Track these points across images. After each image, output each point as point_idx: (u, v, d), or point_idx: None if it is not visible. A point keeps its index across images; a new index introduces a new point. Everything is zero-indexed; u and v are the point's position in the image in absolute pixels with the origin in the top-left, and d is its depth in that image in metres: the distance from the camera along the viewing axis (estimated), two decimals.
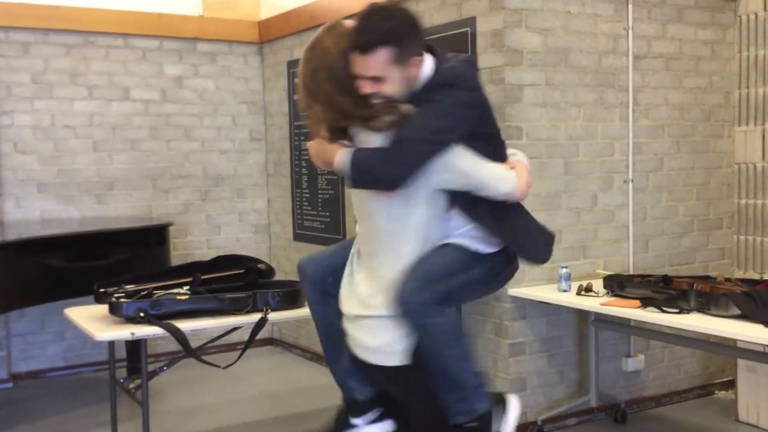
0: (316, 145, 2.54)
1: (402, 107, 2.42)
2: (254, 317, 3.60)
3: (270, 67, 6.19)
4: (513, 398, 2.65)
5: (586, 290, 3.89)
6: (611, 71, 4.36)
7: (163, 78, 5.91)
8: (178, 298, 3.59)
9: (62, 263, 4.56)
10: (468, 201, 2.50)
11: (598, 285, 3.94)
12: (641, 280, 3.89)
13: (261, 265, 4.14)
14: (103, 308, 3.57)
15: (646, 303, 3.57)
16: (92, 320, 3.55)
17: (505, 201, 2.51)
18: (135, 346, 4.25)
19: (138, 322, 3.41)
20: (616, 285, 3.84)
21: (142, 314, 3.41)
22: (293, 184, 5.97)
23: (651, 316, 3.51)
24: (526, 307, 4.15)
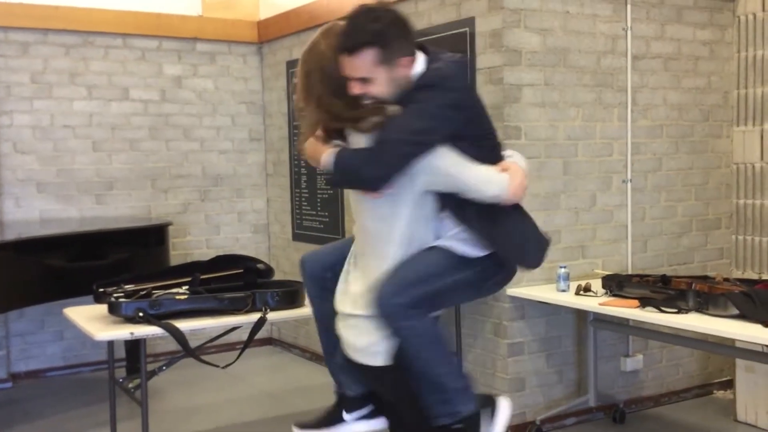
0: (311, 144, 2.56)
1: (389, 108, 2.42)
2: (253, 317, 3.60)
3: (269, 67, 6.19)
4: (503, 400, 2.62)
5: (585, 290, 3.89)
6: (610, 71, 4.36)
7: (162, 78, 5.91)
8: (177, 297, 3.59)
9: (61, 263, 4.57)
10: (456, 203, 2.49)
11: (597, 285, 3.94)
12: (640, 280, 3.89)
13: (260, 265, 4.15)
14: (103, 308, 3.56)
15: (645, 303, 3.57)
16: (91, 320, 3.55)
17: (497, 204, 2.47)
18: (134, 346, 4.26)
19: (137, 322, 3.41)
20: (615, 285, 3.84)
21: (141, 314, 3.41)
22: (292, 184, 5.98)
23: (649, 316, 3.51)
24: (525, 307, 4.16)
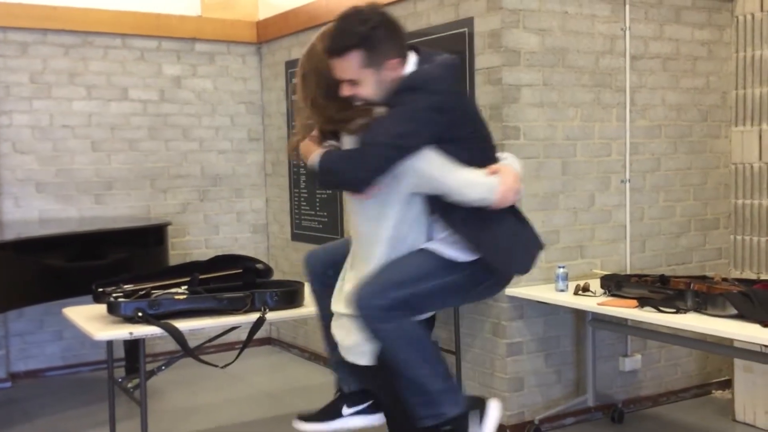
0: (305, 145, 2.58)
1: (375, 110, 2.43)
2: (252, 317, 3.60)
3: (268, 68, 6.20)
4: (493, 402, 2.61)
5: (584, 290, 3.90)
6: (608, 71, 4.36)
7: (161, 78, 5.91)
8: (176, 297, 3.58)
9: (61, 263, 4.57)
10: (444, 206, 2.47)
11: (596, 285, 3.95)
12: (638, 279, 3.90)
13: (259, 265, 4.14)
14: (102, 308, 3.56)
15: (643, 303, 3.58)
16: (90, 320, 3.55)
17: (486, 207, 2.44)
18: (133, 346, 4.26)
19: (136, 322, 3.41)
20: (614, 285, 3.85)
21: (140, 314, 3.41)
22: (291, 184, 5.98)
23: (648, 315, 3.51)
24: (524, 306, 4.16)
